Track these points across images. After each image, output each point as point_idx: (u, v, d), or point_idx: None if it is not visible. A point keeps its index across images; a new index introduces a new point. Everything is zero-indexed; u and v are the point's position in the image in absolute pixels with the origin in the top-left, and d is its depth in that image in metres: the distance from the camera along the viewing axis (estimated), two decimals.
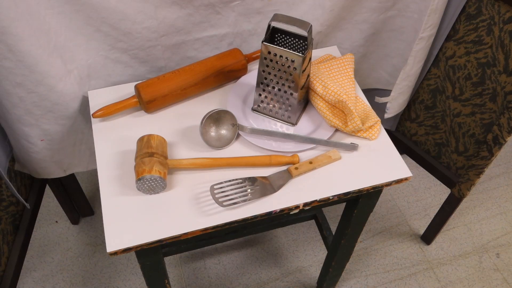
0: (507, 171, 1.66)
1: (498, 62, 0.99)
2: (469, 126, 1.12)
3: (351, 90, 0.91)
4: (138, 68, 0.96)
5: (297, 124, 0.89)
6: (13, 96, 0.85)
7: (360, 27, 1.06)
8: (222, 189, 0.77)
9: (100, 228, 1.44)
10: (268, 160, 0.82)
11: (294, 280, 1.36)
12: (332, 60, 0.94)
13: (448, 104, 1.14)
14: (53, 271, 1.35)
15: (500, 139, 1.04)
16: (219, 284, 1.35)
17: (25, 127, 0.92)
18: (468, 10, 1.00)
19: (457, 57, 1.07)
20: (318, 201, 0.79)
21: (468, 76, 1.07)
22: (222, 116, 0.83)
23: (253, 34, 1.00)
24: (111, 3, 0.82)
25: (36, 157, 0.99)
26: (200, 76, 0.90)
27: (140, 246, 0.72)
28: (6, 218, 1.04)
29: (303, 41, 0.83)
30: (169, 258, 1.38)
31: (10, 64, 0.79)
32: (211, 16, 0.92)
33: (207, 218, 0.75)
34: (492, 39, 0.98)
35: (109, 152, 0.83)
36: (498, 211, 1.55)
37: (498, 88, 1.02)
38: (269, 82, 0.85)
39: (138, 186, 0.75)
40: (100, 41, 0.89)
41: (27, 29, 0.76)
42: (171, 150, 0.83)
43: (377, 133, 0.87)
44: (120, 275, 1.35)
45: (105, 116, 0.87)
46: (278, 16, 0.77)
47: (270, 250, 1.42)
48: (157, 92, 0.87)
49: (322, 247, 1.43)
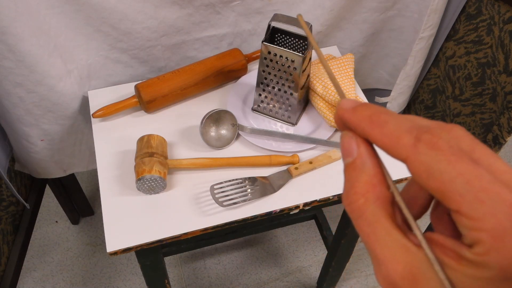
0: None
1: (498, 62, 0.99)
2: (469, 126, 1.12)
3: (351, 90, 0.91)
4: (138, 68, 0.96)
5: (297, 124, 0.89)
6: (13, 96, 0.85)
7: (360, 27, 1.06)
8: (222, 189, 0.77)
9: (100, 228, 1.44)
10: (268, 160, 0.82)
11: (294, 280, 1.36)
12: (332, 60, 0.94)
13: (448, 104, 1.14)
14: (53, 271, 1.35)
15: (500, 139, 1.04)
16: (219, 284, 1.35)
17: (25, 127, 0.92)
18: (468, 10, 1.00)
19: (457, 57, 1.07)
20: (318, 201, 0.79)
21: (468, 76, 1.07)
22: (222, 116, 0.83)
23: (253, 34, 1.00)
24: (111, 3, 0.82)
25: (36, 157, 0.99)
26: (200, 76, 0.90)
27: (140, 246, 0.72)
28: (6, 218, 1.04)
29: (303, 41, 0.83)
30: (169, 258, 1.38)
31: (10, 64, 0.79)
32: (211, 16, 0.92)
33: (207, 218, 0.75)
34: (492, 39, 0.98)
35: (109, 152, 0.83)
36: None
37: (498, 88, 1.02)
38: (269, 82, 0.85)
39: (138, 186, 0.75)
40: (100, 41, 0.89)
41: (27, 29, 0.76)
42: (171, 150, 0.83)
43: None
44: (120, 275, 1.35)
45: (105, 116, 0.87)
46: (278, 16, 0.77)
47: (270, 250, 1.42)
48: (157, 92, 0.87)
49: (322, 247, 1.43)
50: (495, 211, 0.20)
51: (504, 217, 0.20)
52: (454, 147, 0.21)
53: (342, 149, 0.25)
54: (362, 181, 0.24)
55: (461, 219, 0.21)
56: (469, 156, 0.21)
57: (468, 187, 0.21)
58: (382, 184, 0.24)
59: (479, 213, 0.20)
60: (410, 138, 0.22)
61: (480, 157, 0.21)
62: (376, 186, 0.23)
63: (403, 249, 0.22)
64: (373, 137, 0.24)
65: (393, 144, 0.23)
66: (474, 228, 0.21)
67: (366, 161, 0.24)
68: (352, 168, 0.24)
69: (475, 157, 0.21)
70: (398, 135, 0.22)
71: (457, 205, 0.21)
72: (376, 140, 0.23)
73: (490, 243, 0.20)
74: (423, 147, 0.22)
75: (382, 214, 0.23)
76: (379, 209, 0.23)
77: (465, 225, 0.21)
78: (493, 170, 0.21)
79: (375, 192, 0.23)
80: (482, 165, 0.21)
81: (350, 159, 0.24)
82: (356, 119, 0.24)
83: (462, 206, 0.21)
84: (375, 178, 0.24)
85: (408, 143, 0.22)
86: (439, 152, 0.21)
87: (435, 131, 0.22)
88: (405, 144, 0.22)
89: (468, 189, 0.21)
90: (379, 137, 0.23)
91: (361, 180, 0.24)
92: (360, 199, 0.23)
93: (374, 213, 0.23)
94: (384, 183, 0.24)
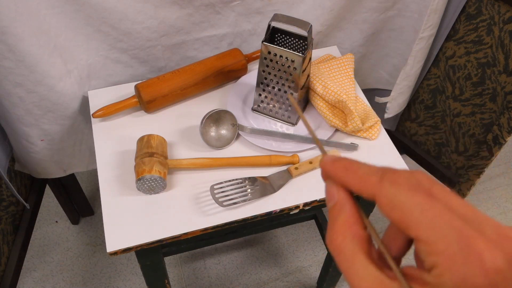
0: (507, 171, 1.66)
1: (498, 62, 0.99)
2: (469, 126, 1.12)
3: (351, 90, 0.91)
4: (138, 68, 0.96)
5: (297, 124, 0.89)
6: (13, 96, 0.85)
7: (360, 27, 1.06)
8: (222, 189, 0.77)
9: (100, 228, 1.44)
10: (268, 160, 0.82)
11: (294, 280, 1.36)
12: (332, 60, 0.94)
13: (448, 104, 1.14)
14: (53, 271, 1.35)
15: (500, 139, 1.04)
16: (219, 284, 1.35)
17: (25, 127, 0.92)
18: (468, 10, 1.00)
19: (457, 57, 1.07)
20: (318, 201, 0.79)
21: (468, 76, 1.07)
22: (222, 116, 0.83)
23: (253, 34, 1.00)
24: (111, 3, 0.82)
25: (36, 157, 0.99)
26: (200, 76, 0.90)
27: (140, 246, 0.72)
28: (6, 218, 1.04)
29: (303, 41, 0.83)
30: (169, 258, 1.38)
31: (10, 64, 0.79)
32: (211, 16, 0.92)
33: (207, 218, 0.75)
34: (492, 39, 0.98)
35: (109, 152, 0.83)
36: (498, 211, 1.55)
37: (498, 88, 1.02)
38: (269, 82, 0.85)
39: (138, 186, 0.75)
40: (100, 41, 0.89)
41: (27, 29, 0.76)
42: (171, 150, 0.83)
43: (377, 133, 0.87)
44: (120, 275, 1.35)
45: (105, 116, 0.87)
46: (278, 16, 0.77)
47: (270, 250, 1.42)
48: (157, 92, 0.87)
49: (322, 247, 1.43)
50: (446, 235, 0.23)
51: (454, 240, 0.23)
52: (413, 183, 0.25)
53: (326, 195, 0.29)
54: (340, 221, 0.27)
55: (420, 245, 0.24)
56: (426, 191, 0.25)
57: (423, 216, 0.24)
58: (358, 224, 0.27)
59: (433, 238, 0.23)
60: (376, 177, 0.26)
61: (438, 193, 0.25)
62: (353, 226, 0.27)
63: (378, 281, 0.25)
64: (348, 181, 0.28)
65: (363, 185, 0.27)
66: (430, 253, 0.24)
67: (344, 204, 0.28)
68: (333, 210, 0.28)
69: (432, 193, 0.25)
70: (367, 177, 0.27)
71: (415, 232, 0.24)
72: (350, 184, 0.28)
73: (443, 265, 0.23)
74: (386, 183, 0.26)
75: (358, 251, 0.26)
76: (356, 246, 0.26)
77: (423, 250, 0.24)
78: (450, 204, 0.24)
79: (351, 230, 0.27)
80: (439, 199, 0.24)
81: (332, 203, 0.28)
82: (334, 169, 0.29)
83: (418, 232, 0.24)
84: (352, 218, 0.27)
85: (375, 181, 0.26)
86: (399, 187, 0.25)
87: (398, 172, 0.26)
88: (372, 182, 0.26)
89: (423, 217, 0.24)
90: (352, 181, 0.28)
91: (340, 221, 0.27)
92: (339, 237, 0.27)
93: (351, 249, 0.26)
94: (361, 223, 0.27)
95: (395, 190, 0.25)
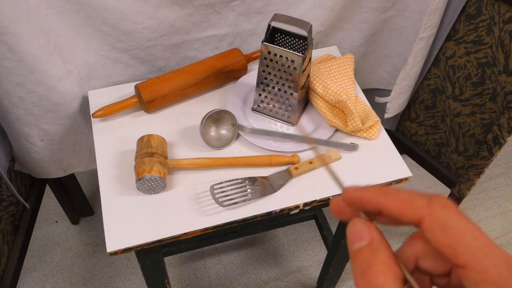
0: (507, 171, 1.66)
1: (498, 62, 0.99)
2: (469, 126, 1.12)
3: (351, 90, 0.91)
4: (138, 68, 0.96)
5: (297, 124, 0.89)
6: (13, 96, 0.85)
7: (360, 27, 1.06)
8: (222, 189, 0.77)
9: (100, 228, 1.44)
10: (268, 160, 0.82)
11: (294, 280, 1.36)
12: (332, 60, 0.94)
13: (448, 104, 1.14)
14: (53, 271, 1.35)
15: (500, 139, 1.04)
16: (219, 284, 1.35)
17: (25, 127, 0.92)
18: (468, 10, 1.00)
19: (457, 57, 1.07)
20: (318, 201, 0.79)
21: (468, 76, 1.07)
22: (222, 116, 0.83)
23: (253, 34, 1.00)
24: (111, 3, 0.82)
25: (36, 157, 0.99)
26: (200, 76, 0.90)
27: (140, 246, 0.72)
28: (6, 218, 1.04)
29: (303, 41, 0.83)
30: (169, 258, 1.38)
31: (10, 64, 0.79)
32: (211, 16, 0.92)
33: (207, 218, 0.75)
34: (492, 39, 0.98)
35: (109, 152, 0.83)
36: (498, 211, 1.55)
37: (498, 88, 1.02)
38: (269, 82, 0.85)
39: (138, 186, 0.75)
40: (100, 41, 0.89)
41: (27, 29, 0.76)
42: (171, 150, 0.83)
43: (377, 133, 0.87)
44: (120, 275, 1.35)
45: (105, 116, 0.87)
46: (278, 16, 0.77)
47: (270, 250, 1.42)
48: (157, 92, 0.87)
49: (322, 247, 1.43)
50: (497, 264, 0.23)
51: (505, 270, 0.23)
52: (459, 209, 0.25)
53: (351, 235, 0.28)
54: (380, 260, 0.26)
55: (467, 273, 0.24)
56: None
57: (476, 243, 0.24)
58: (397, 264, 0.26)
59: (484, 266, 0.23)
60: (424, 200, 0.26)
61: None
62: (393, 266, 0.26)
63: None
64: (387, 204, 0.27)
65: (407, 207, 0.26)
66: (479, 281, 0.24)
67: (382, 243, 0.27)
68: (368, 251, 0.27)
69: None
70: (412, 199, 0.26)
71: (465, 259, 0.24)
72: (390, 207, 0.27)
73: None
74: (437, 206, 0.25)
75: None
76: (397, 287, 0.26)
77: (471, 279, 0.24)
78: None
79: (393, 271, 0.26)
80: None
81: (363, 242, 0.27)
82: (369, 193, 0.28)
83: (469, 259, 0.24)
84: (392, 259, 0.26)
85: (422, 204, 0.26)
86: (450, 211, 0.25)
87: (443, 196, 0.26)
88: (420, 205, 0.26)
89: (475, 245, 0.24)
90: (394, 204, 0.27)
91: (379, 260, 0.26)
92: (380, 277, 0.26)
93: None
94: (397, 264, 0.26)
95: (447, 214, 0.25)
